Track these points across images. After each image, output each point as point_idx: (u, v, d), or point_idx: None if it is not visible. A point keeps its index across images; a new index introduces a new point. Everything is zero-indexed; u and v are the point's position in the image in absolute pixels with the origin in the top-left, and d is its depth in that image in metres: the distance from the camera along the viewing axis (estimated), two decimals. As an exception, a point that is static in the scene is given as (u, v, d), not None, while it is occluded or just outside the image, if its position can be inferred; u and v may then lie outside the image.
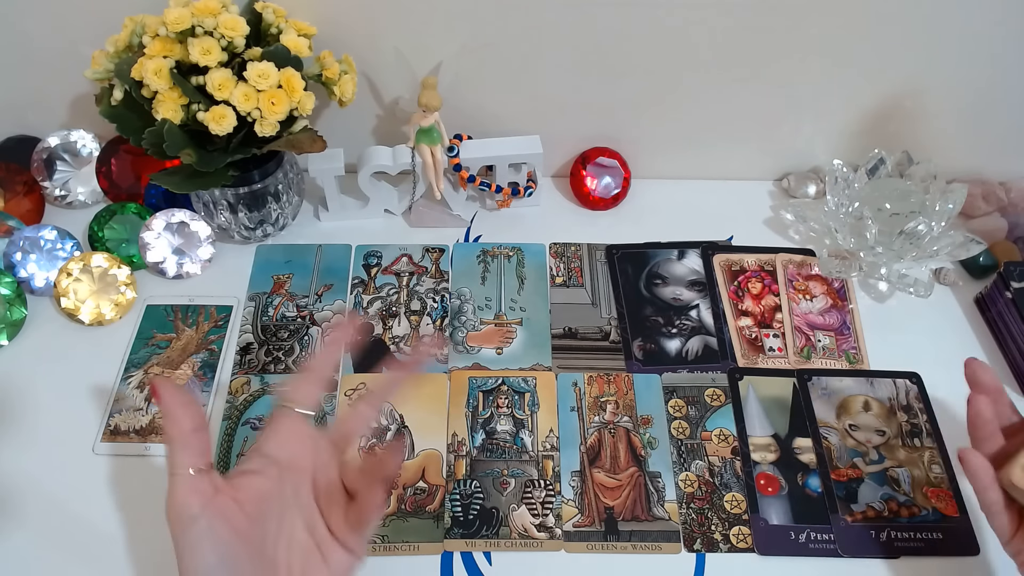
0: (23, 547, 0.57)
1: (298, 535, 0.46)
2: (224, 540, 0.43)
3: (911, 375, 0.70)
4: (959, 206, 0.72)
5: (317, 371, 0.50)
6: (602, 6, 0.69)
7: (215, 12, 0.61)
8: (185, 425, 0.44)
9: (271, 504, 0.45)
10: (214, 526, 0.43)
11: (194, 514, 0.42)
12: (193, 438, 0.44)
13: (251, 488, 0.45)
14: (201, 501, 0.43)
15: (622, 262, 0.77)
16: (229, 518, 0.43)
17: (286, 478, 0.46)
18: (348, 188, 0.78)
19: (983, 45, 0.72)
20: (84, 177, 0.79)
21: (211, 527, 0.43)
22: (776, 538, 0.60)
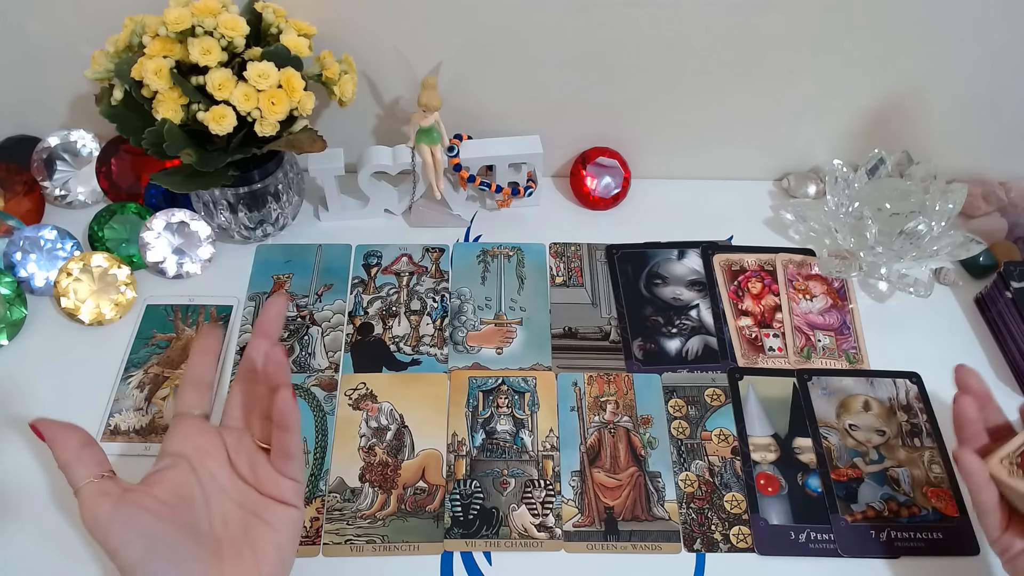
0: (23, 547, 0.57)
1: (229, 511, 0.49)
2: (147, 528, 0.45)
3: (911, 375, 0.70)
4: (959, 206, 0.72)
5: (196, 378, 0.53)
6: (602, 6, 0.69)
7: (215, 12, 0.61)
8: (72, 443, 0.47)
9: (191, 490, 0.48)
10: (132, 518, 0.45)
11: (108, 512, 0.44)
12: (84, 452, 0.47)
13: (165, 481, 0.48)
14: (111, 501, 0.45)
15: (622, 262, 0.77)
16: (147, 508, 0.46)
17: (198, 466, 0.49)
18: (348, 188, 0.78)
19: (983, 45, 0.72)
20: (84, 177, 0.79)
21: (129, 519, 0.45)
22: (776, 538, 0.60)
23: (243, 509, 0.49)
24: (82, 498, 0.45)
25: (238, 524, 0.48)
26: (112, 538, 0.44)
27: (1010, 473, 0.51)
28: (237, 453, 0.51)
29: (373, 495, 0.61)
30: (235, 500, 0.49)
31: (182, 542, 0.46)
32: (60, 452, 0.47)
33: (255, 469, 0.50)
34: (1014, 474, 0.51)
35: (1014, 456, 0.52)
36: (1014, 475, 0.51)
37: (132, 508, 0.45)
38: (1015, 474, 0.51)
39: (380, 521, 0.60)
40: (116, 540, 0.44)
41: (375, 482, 0.62)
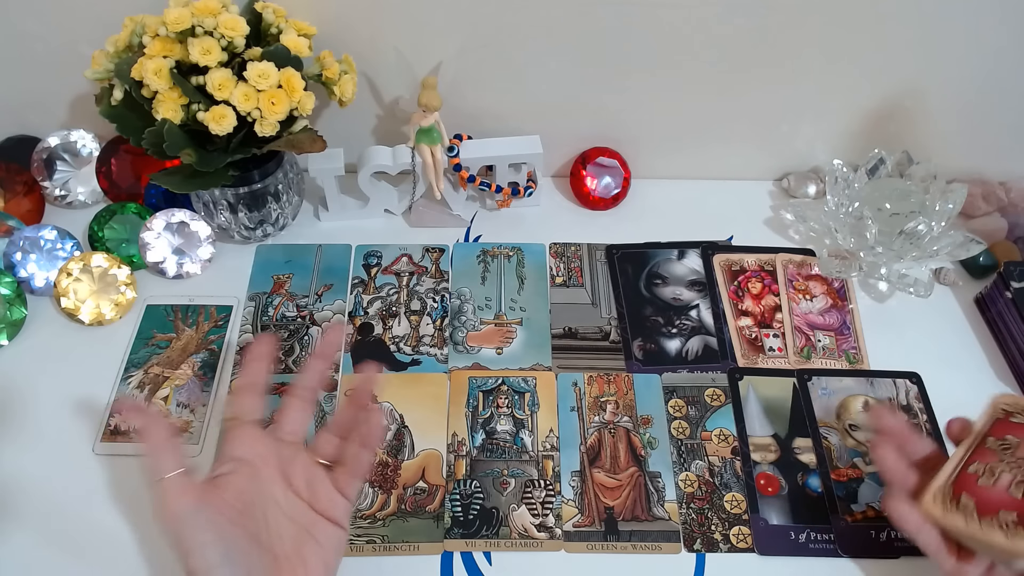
0: (23, 547, 0.57)
1: (283, 524, 0.48)
2: (225, 532, 0.44)
3: (911, 375, 0.70)
4: (959, 206, 0.72)
5: (253, 384, 0.53)
6: (603, 6, 0.69)
7: (215, 12, 0.61)
8: (160, 434, 0.47)
9: (253, 499, 0.48)
10: (213, 519, 0.44)
11: (191, 510, 0.44)
12: (170, 444, 0.47)
13: (232, 486, 0.47)
14: (194, 497, 0.45)
15: (622, 262, 0.77)
16: (223, 511, 0.45)
17: (258, 475, 0.49)
18: (348, 188, 0.78)
19: (983, 45, 0.72)
20: (84, 177, 0.79)
21: (211, 520, 0.44)
22: (776, 538, 0.60)
23: (295, 524, 0.49)
24: (164, 490, 0.45)
25: (292, 539, 0.48)
26: (190, 537, 0.43)
27: (945, 510, 0.49)
28: (292, 467, 0.51)
29: (373, 495, 0.61)
30: (287, 514, 0.49)
31: (252, 550, 0.45)
32: (148, 440, 0.47)
33: (312, 485, 0.50)
34: (949, 509, 0.49)
35: (946, 489, 0.50)
36: (949, 510, 0.49)
37: (212, 509, 0.45)
38: (950, 509, 0.49)
39: (380, 521, 0.60)
40: (194, 540, 0.43)
41: (375, 482, 0.62)
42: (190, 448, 0.63)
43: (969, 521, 0.49)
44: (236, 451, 0.49)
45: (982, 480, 0.50)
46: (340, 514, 0.50)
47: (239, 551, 0.44)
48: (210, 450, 0.63)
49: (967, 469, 0.51)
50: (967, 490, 0.50)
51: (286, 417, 0.53)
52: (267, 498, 0.48)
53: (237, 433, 0.51)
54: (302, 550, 0.48)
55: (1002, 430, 0.52)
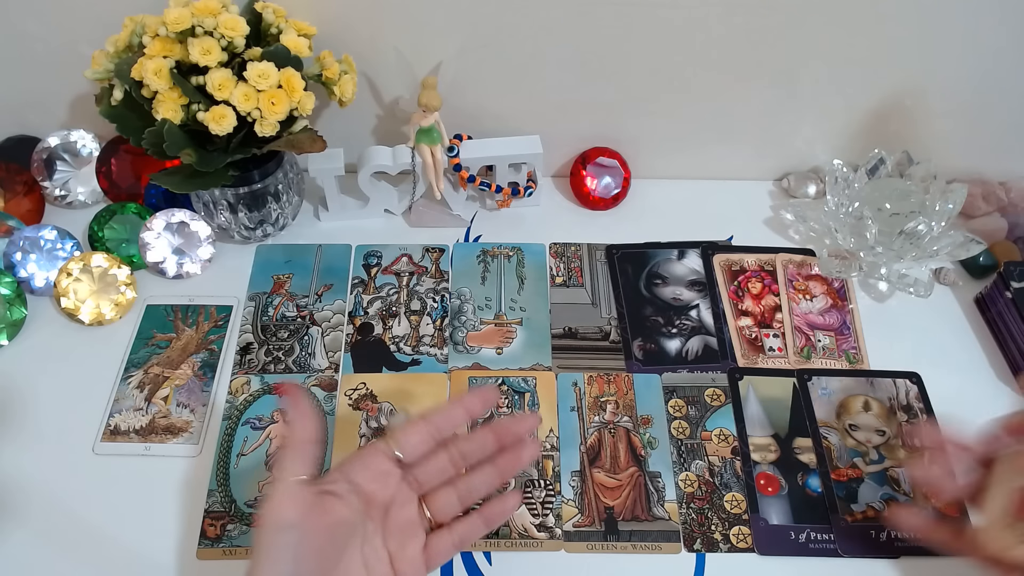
0: (23, 547, 0.57)
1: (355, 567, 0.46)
2: (305, 555, 0.43)
3: (911, 375, 0.69)
4: (959, 206, 0.72)
5: (434, 426, 0.50)
6: (602, 6, 0.69)
7: (215, 12, 0.61)
8: (304, 435, 0.46)
9: (345, 531, 0.46)
10: (303, 539, 0.43)
11: (291, 522, 0.43)
12: (307, 448, 0.45)
13: (333, 512, 0.45)
14: (300, 511, 0.43)
15: (622, 262, 0.77)
16: (313, 537, 0.44)
17: (363, 510, 0.47)
18: (348, 188, 0.78)
19: (983, 45, 0.72)
20: (84, 177, 0.79)
21: (301, 539, 0.43)
22: (776, 538, 0.60)
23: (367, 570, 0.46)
24: (277, 491, 0.44)
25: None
26: (277, 544, 0.42)
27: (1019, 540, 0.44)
28: (398, 513, 0.48)
29: (373, 495, 0.61)
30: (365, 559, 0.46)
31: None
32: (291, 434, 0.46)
33: (404, 541, 0.48)
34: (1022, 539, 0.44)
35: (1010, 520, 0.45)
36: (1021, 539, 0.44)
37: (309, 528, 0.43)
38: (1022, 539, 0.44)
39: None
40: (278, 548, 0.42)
41: (375, 482, 0.62)
42: (190, 448, 0.63)
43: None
44: (359, 476, 0.47)
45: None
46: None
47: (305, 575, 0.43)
48: (210, 450, 0.63)
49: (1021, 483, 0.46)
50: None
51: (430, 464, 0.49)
52: (357, 535, 0.46)
53: (372, 458, 0.48)
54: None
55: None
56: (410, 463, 0.49)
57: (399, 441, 0.49)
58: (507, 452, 0.51)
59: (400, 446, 0.48)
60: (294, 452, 0.45)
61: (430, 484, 0.50)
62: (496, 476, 0.51)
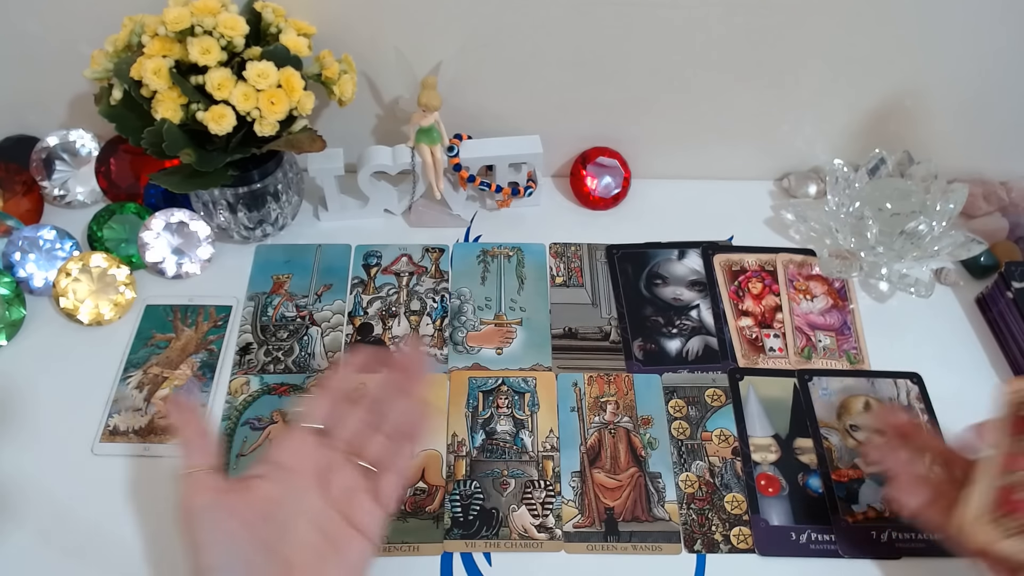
0: (23, 547, 0.57)
1: (307, 536, 0.47)
2: (234, 534, 0.45)
3: (912, 375, 0.69)
4: (960, 206, 0.72)
5: (338, 391, 0.52)
6: (602, 6, 0.69)
7: (214, 11, 0.61)
8: (196, 429, 0.48)
9: (278, 506, 0.47)
10: (223, 519, 0.45)
11: (205, 506, 0.45)
12: (203, 441, 0.48)
13: (259, 490, 0.47)
14: (211, 495, 0.45)
15: (622, 262, 0.77)
16: (238, 513, 0.45)
17: (292, 483, 0.48)
18: (348, 188, 0.78)
19: (983, 45, 0.72)
20: (83, 177, 0.79)
21: (221, 519, 0.45)
22: (776, 539, 0.60)
23: (322, 535, 0.47)
24: (186, 483, 0.46)
25: (313, 550, 0.47)
26: (201, 533, 0.44)
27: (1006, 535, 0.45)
28: (335, 476, 0.49)
29: (373, 496, 0.61)
30: (317, 525, 0.48)
31: (258, 557, 0.45)
32: (183, 432, 0.48)
33: (351, 496, 0.49)
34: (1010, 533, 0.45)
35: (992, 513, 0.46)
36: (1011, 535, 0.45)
37: (227, 508, 0.45)
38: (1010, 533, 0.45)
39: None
40: (203, 537, 0.44)
41: (375, 483, 0.62)
42: (189, 448, 0.63)
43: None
44: (278, 455, 0.49)
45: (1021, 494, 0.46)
46: (373, 528, 0.49)
47: (243, 556, 0.44)
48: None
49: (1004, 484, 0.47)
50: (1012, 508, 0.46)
51: (347, 426, 0.52)
52: (296, 507, 0.47)
53: (286, 437, 0.50)
54: (325, 564, 0.47)
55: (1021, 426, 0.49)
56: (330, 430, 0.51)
57: (308, 416, 0.51)
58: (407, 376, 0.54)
59: (312, 420, 0.51)
60: (192, 448, 0.48)
61: (355, 438, 0.52)
62: (406, 399, 0.54)
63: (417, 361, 0.56)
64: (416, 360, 0.56)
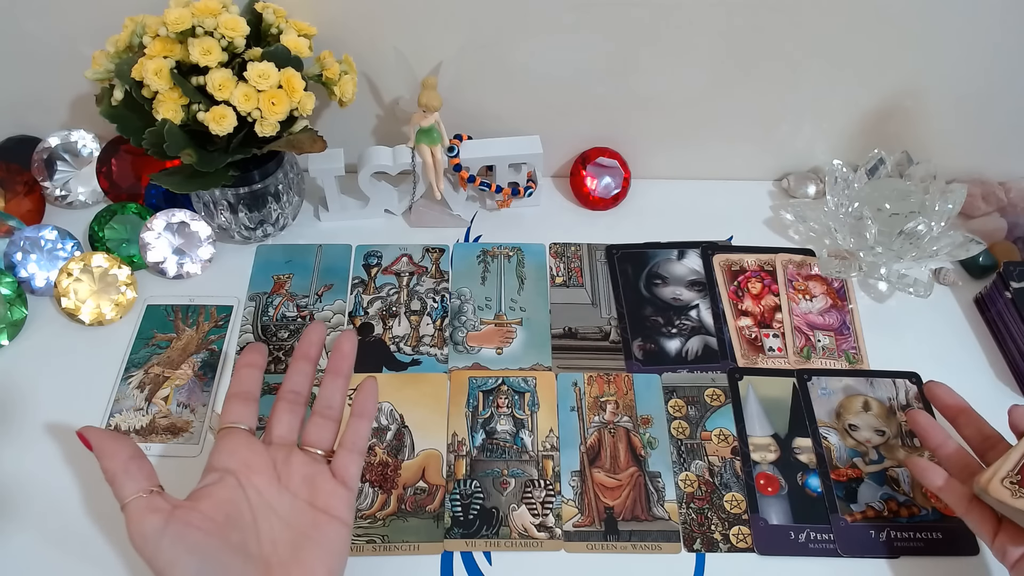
0: (23, 547, 0.57)
1: (278, 530, 0.47)
2: (198, 545, 0.43)
3: (911, 375, 0.70)
4: (959, 206, 0.72)
5: (244, 392, 0.53)
6: (603, 6, 0.69)
7: (215, 12, 0.61)
8: (122, 455, 0.46)
9: (238, 507, 0.47)
10: (182, 534, 0.43)
11: (158, 529, 0.43)
12: (133, 465, 0.46)
13: (213, 498, 0.46)
14: (160, 517, 0.43)
15: (622, 262, 0.77)
16: (197, 525, 0.44)
17: (245, 483, 0.48)
18: (348, 188, 0.78)
19: (983, 45, 0.72)
20: (84, 177, 0.79)
21: (180, 536, 0.43)
22: (776, 538, 0.60)
23: (292, 528, 0.48)
24: (129, 513, 0.44)
25: (287, 544, 0.47)
26: (162, 556, 0.42)
27: (1014, 495, 0.49)
28: (287, 467, 0.50)
29: (373, 495, 0.61)
30: (284, 518, 0.48)
31: (232, 561, 0.44)
32: (108, 463, 0.46)
33: (311, 481, 0.49)
34: (1017, 495, 0.49)
35: (1014, 474, 0.50)
36: (1017, 496, 0.49)
37: (181, 525, 0.44)
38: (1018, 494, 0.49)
39: (380, 521, 0.60)
40: (166, 558, 0.42)
41: (375, 482, 0.62)
42: (190, 448, 0.63)
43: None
44: (222, 461, 0.49)
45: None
46: (343, 507, 0.49)
47: (217, 563, 0.44)
48: (209, 450, 0.63)
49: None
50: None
51: (275, 421, 0.53)
52: (258, 506, 0.48)
53: (225, 442, 0.50)
54: (301, 555, 0.47)
55: None
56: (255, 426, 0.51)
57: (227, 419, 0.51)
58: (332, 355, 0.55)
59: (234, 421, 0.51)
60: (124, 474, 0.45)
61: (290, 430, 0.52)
62: (337, 378, 0.54)
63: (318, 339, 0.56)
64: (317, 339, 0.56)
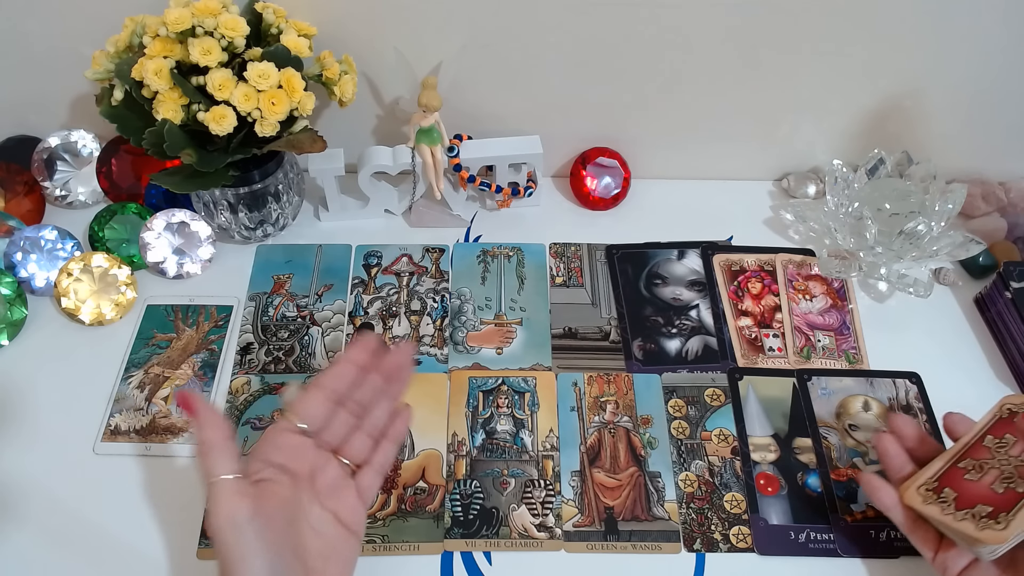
0: (23, 547, 0.57)
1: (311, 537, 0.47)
2: (273, 543, 0.43)
3: (911, 375, 0.70)
4: (959, 206, 0.72)
5: (330, 389, 0.52)
6: (602, 6, 0.69)
7: (215, 12, 0.61)
8: (219, 432, 0.45)
9: (290, 511, 0.46)
10: (264, 528, 0.43)
11: (246, 518, 0.42)
12: (230, 444, 0.45)
13: (276, 496, 0.46)
14: (250, 505, 0.43)
15: (622, 262, 0.77)
16: (273, 521, 0.44)
17: (294, 485, 0.48)
18: (348, 188, 0.78)
19: (983, 45, 0.72)
20: (84, 177, 0.79)
21: (262, 531, 0.43)
22: (776, 538, 0.60)
23: (320, 538, 0.47)
24: (219, 492, 0.43)
25: (319, 552, 0.47)
26: (243, 545, 0.42)
27: (926, 500, 0.51)
28: (323, 474, 0.49)
29: (373, 495, 0.61)
30: (314, 528, 0.47)
31: (294, 563, 0.44)
32: (208, 434, 0.45)
33: (337, 495, 0.49)
34: (930, 500, 0.51)
35: (931, 482, 0.52)
36: (930, 501, 0.51)
37: (265, 519, 0.43)
38: (931, 500, 0.51)
39: (380, 521, 0.60)
40: (243, 549, 0.42)
41: (375, 482, 0.62)
42: (190, 448, 0.63)
43: (945, 511, 0.50)
44: (278, 457, 0.47)
45: (969, 475, 0.51)
46: (361, 524, 0.49)
47: (284, 564, 0.43)
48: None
49: (958, 464, 0.52)
50: (952, 484, 0.51)
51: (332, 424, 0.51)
52: (301, 510, 0.47)
53: (283, 438, 0.49)
54: (326, 565, 0.47)
55: (1003, 429, 0.53)
56: (318, 430, 0.50)
57: (300, 414, 0.50)
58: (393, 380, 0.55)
59: (303, 419, 0.50)
60: (218, 453, 0.45)
61: (340, 439, 0.52)
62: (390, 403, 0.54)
63: (405, 364, 0.56)
64: (405, 364, 0.56)
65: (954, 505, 0.50)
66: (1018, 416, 0.53)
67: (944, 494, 0.51)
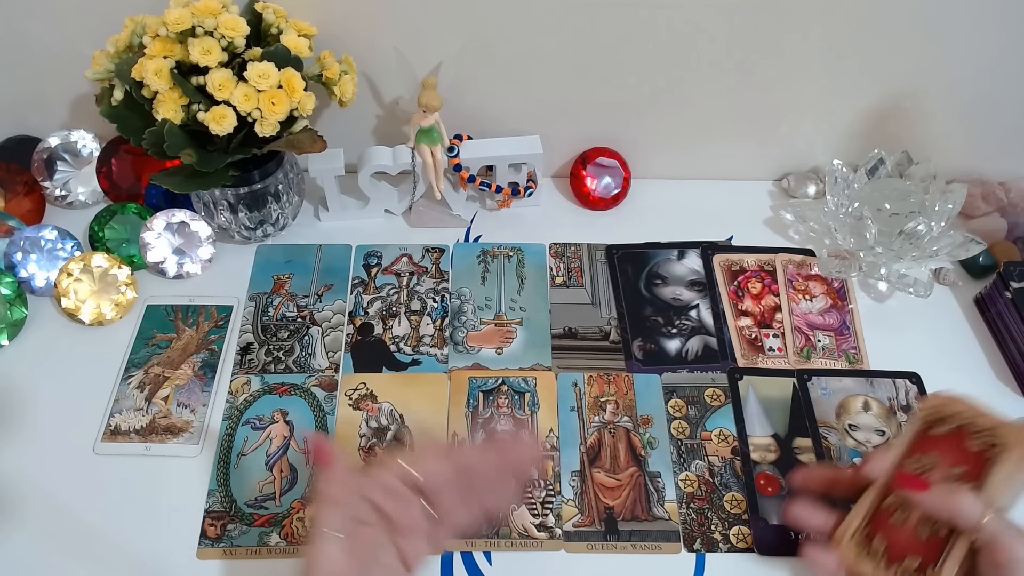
0: (23, 547, 0.57)
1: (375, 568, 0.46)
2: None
3: (911, 375, 0.70)
4: (959, 206, 0.72)
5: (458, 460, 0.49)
6: (602, 6, 0.69)
7: (215, 12, 0.61)
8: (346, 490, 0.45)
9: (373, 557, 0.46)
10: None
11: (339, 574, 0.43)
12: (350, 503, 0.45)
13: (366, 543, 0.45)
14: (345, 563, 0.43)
15: (622, 262, 0.77)
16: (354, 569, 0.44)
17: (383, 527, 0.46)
18: (348, 188, 0.78)
19: (982, 45, 0.72)
20: (84, 177, 0.79)
21: None
22: (775, 538, 0.60)
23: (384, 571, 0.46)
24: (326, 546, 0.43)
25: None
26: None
27: (859, 553, 0.50)
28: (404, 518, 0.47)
29: (373, 495, 0.61)
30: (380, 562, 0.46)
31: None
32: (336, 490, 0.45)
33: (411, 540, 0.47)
34: (862, 553, 0.50)
35: (859, 534, 0.51)
36: (862, 555, 0.50)
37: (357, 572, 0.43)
38: (863, 553, 0.50)
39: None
40: None
41: (375, 482, 0.62)
42: (190, 448, 0.63)
43: (876, 570, 0.49)
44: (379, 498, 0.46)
45: (895, 517, 0.50)
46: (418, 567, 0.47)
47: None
48: (210, 451, 0.63)
49: (884, 502, 0.51)
50: (881, 529, 0.50)
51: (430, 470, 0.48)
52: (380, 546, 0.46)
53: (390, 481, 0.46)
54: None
55: (920, 447, 0.52)
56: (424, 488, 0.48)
57: (421, 469, 0.47)
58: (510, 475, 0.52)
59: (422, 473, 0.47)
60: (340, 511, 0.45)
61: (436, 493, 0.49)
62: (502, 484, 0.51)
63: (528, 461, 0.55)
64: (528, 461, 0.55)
65: (884, 559, 0.49)
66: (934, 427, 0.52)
67: (875, 544, 0.50)
